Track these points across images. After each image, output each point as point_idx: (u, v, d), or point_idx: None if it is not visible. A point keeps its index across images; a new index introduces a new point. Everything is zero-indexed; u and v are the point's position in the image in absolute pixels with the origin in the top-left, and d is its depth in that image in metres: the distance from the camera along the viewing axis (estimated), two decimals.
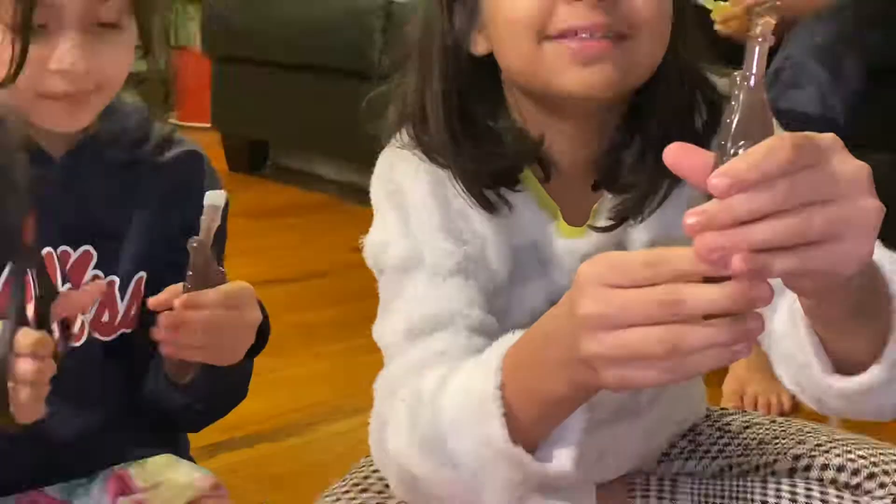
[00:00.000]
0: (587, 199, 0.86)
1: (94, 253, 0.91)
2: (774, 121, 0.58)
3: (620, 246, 0.84)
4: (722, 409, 1.03)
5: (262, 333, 0.90)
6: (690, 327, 0.55)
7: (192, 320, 0.82)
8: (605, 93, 0.78)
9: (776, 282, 0.56)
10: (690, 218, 0.53)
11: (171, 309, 0.83)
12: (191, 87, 3.96)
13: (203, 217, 0.82)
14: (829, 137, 0.54)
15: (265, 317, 0.90)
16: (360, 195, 0.95)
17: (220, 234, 0.87)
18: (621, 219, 0.84)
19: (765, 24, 0.54)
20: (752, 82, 0.54)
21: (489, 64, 0.84)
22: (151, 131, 0.95)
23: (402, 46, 0.88)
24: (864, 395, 0.66)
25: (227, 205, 0.86)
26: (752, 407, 1.56)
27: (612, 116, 0.84)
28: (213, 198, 0.83)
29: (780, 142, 0.52)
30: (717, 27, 1.69)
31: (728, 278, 0.54)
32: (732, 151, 0.54)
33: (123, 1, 0.85)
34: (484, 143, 0.84)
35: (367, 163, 0.89)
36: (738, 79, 0.54)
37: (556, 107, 0.82)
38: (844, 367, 0.67)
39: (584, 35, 0.76)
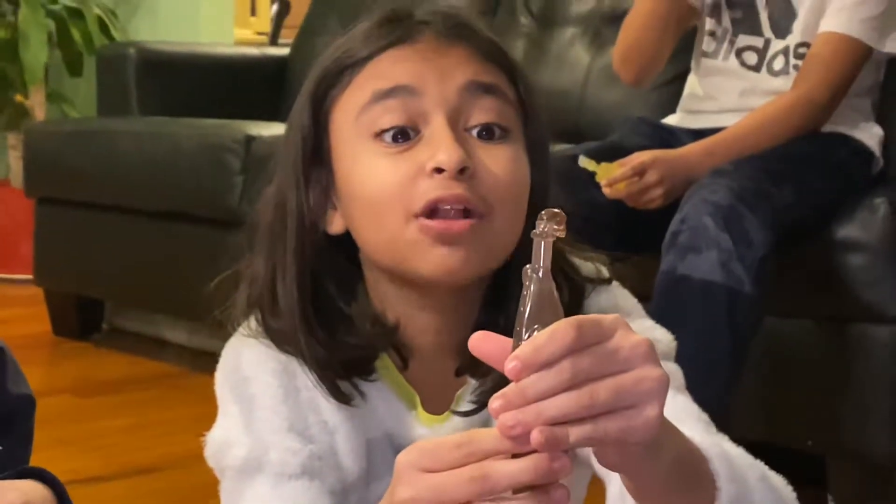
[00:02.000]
0: (450, 385, 1.00)
1: None
2: None
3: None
4: None
5: None
6: (500, 502, 0.70)
7: None
8: (464, 274, 0.94)
9: None
10: (494, 402, 0.69)
11: None
12: (7, 231, 3.95)
13: None
14: (611, 316, 0.71)
15: None
16: (216, 364, 1.04)
17: (24, 436, 0.91)
18: (484, 403, 0.98)
19: (549, 225, 0.71)
20: (540, 274, 0.71)
21: (345, 243, 0.99)
22: None
23: (254, 225, 1.01)
24: None
25: (33, 404, 0.91)
26: None
27: (476, 297, 1.00)
28: None
29: (563, 325, 0.69)
30: (604, 190, 1.81)
31: (533, 453, 0.69)
32: (526, 336, 0.71)
33: None
34: (337, 329, 0.98)
35: (223, 325, 0.99)
36: (528, 271, 0.72)
37: (417, 288, 0.97)
38: None
39: (447, 207, 0.92)
